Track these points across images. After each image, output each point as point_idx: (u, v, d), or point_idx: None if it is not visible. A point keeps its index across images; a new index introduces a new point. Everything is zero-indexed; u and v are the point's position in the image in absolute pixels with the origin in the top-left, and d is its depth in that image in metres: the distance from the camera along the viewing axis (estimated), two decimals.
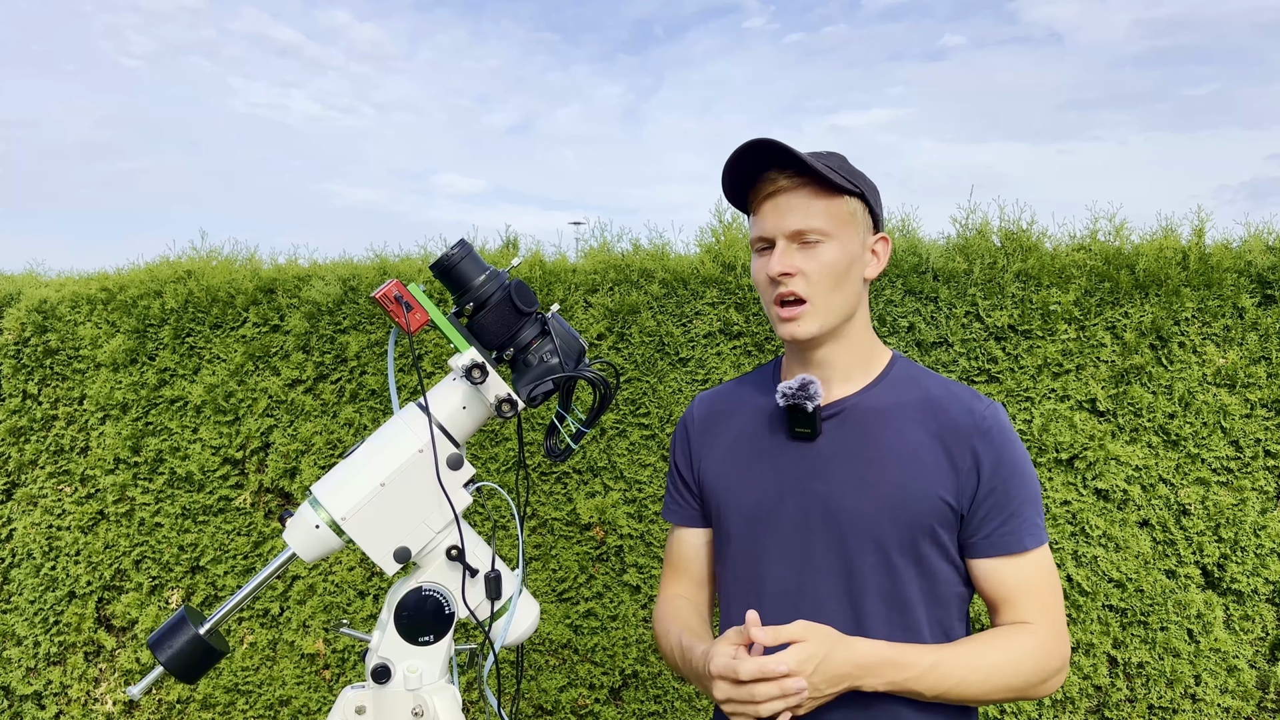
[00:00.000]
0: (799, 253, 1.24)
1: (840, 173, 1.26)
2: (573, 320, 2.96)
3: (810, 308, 1.24)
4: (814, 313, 1.25)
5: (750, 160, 1.26)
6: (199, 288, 3.13)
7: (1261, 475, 2.69)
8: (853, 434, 1.29)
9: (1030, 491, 1.26)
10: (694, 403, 1.49)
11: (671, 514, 1.48)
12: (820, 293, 1.24)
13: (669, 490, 1.48)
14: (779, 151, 1.23)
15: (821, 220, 1.24)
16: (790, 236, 1.24)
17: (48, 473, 3.22)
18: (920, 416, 1.28)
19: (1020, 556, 1.25)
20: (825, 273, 1.24)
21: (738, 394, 1.44)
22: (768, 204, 1.27)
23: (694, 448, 1.43)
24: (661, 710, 2.94)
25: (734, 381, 1.49)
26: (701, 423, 1.44)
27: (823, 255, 1.24)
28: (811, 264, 1.24)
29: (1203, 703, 2.73)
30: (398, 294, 1.27)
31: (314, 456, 3.04)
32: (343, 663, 3.07)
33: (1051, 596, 1.27)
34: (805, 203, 1.24)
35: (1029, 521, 1.25)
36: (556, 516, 2.96)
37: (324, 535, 1.25)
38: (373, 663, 1.28)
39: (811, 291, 1.24)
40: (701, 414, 1.45)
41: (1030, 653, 1.22)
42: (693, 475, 1.43)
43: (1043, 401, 2.75)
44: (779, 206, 1.25)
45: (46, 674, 3.22)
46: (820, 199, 1.24)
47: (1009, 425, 1.28)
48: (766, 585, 1.29)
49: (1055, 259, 2.79)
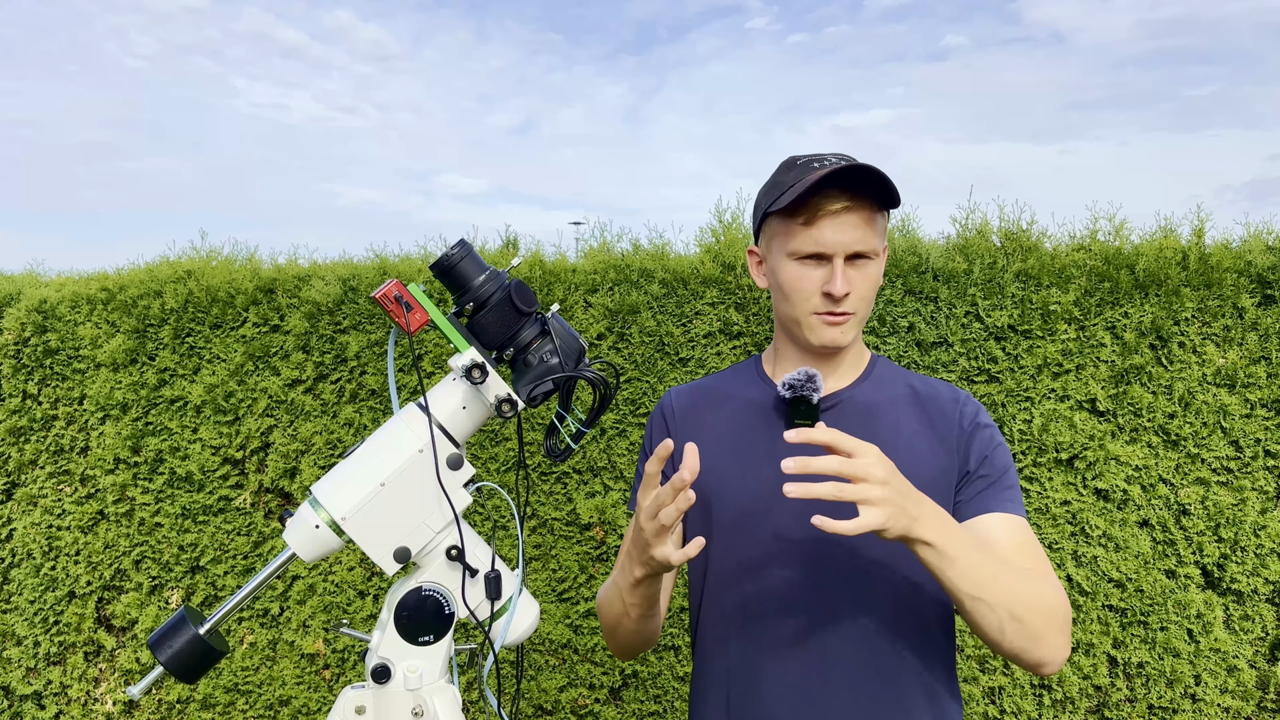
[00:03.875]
0: (851, 269, 1.28)
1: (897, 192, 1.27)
2: (573, 320, 2.96)
3: (854, 319, 1.31)
4: (855, 323, 1.31)
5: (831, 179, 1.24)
6: (199, 288, 3.13)
7: (1261, 475, 2.69)
8: (851, 425, 1.31)
9: (1012, 478, 1.32)
10: (670, 394, 1.48)
11: None
12: (864, 306, 1.31)
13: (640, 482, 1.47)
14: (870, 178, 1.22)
15: (876, 241, 1.29)
16: (849, 255, 1.28)
17: (48, 473, 3.22)
18: (910, 408, 1.34)
19: (1010, 516, 1.27)
20: (871, 288, 1.31)
21: (720, 388, 1.45)
22: (829, 220, 1.26)
23: (676, 439, 1.42)
24: (661, 710, 2.94)
25: (709, 378, 1.50)
26: (682, 414, 1.44)
27: (871, 271, 1.30)
28: (863, 280, 1.29)
29: (1203, 703, 2.73)
30: (398, 294, 1.27)
31: (314, 456, 3.04)
32: (343, 663, 3.07)
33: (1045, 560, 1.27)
34: (865, 223, 1.27)
35: (1014, 491, 1.31)
36: (556, 516, 2.96)
37: (324, 535, 1.25)
38: (373, 663, 1.28)
39: (859, 306, 1.30)
40: (682, 405, 1.45)
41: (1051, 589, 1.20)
42: (673, 467, 1.41)
43: (1043, 401, 2.75)
44: (841, 224, 1.26)
45: (46, 674, 3.22)
46: (876, 219, 1.28)
47: (986, 412, 1.37)
48: (767, 575, 1.30)
49: (1055, 259, 2.79)
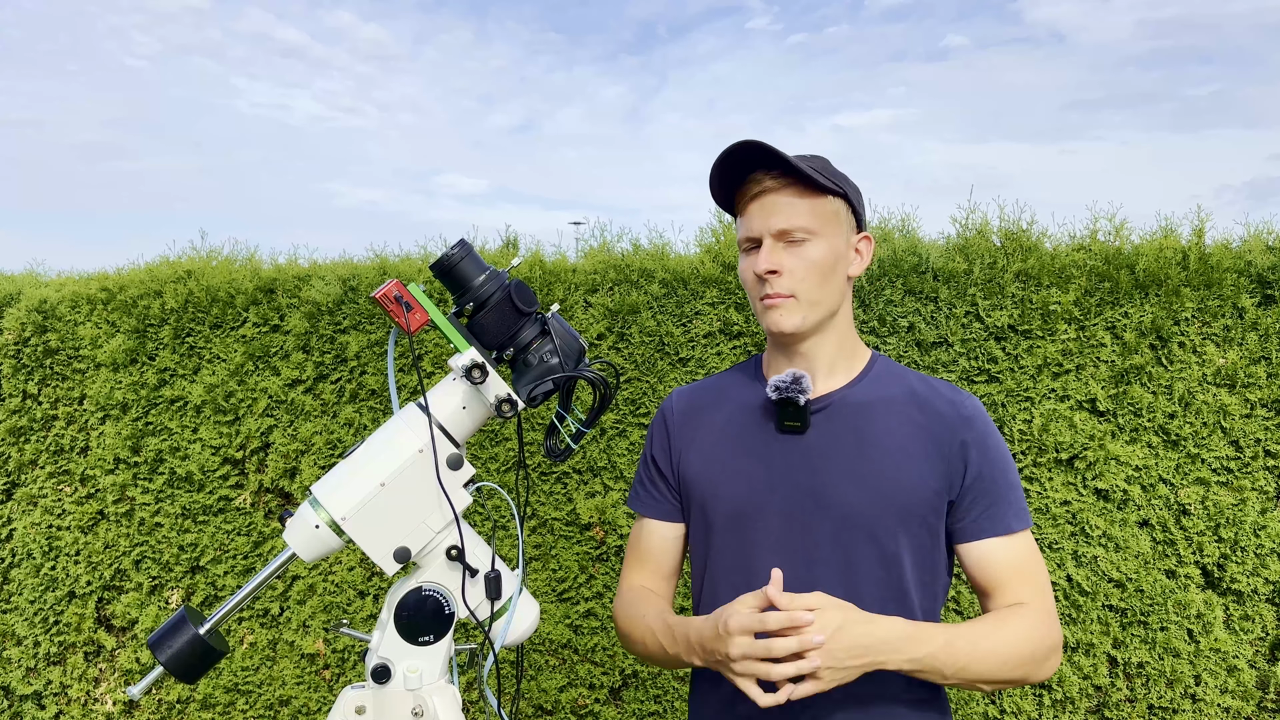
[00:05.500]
0: (785, 251, 1.28)
1: (823, 174, 1.29)
2: (573, 320, 2.96)
3: (795, 302, 1.28)
4: (798, 306, 1.28)
5: (737, 163, 1.30)
6: (199, 288, 3.13)
7: (1261, 475, 2.69)
8: (842, 427, 1.31)
9: (1013, 478, 1.31)
10: (672, 397, 1.49)
11: (643, 506, 1.47)
12: (805, 289, 1.28)
13: (641, 482, 1.48)
14: (765, 153, 1.26)
15: (806, 219, 1.27)
16: (777, 235, 1.28)
17: (48, 473, 3.22)
18: (906, 410, 1.32)
19: (1009, 538, 1.28)
20: (810, 269, 1.28)
21: (719, 388, 1.45)
22: (754, 204, 1.30)
23: (674, 441, 1.43)
24: (661, 710, 2.94)
25: (713, 377, 1.51)
26: (682, 416, 1.45)
27: (808, 253, 1.28)
28: (797, 261, 1.28)
29: (1203, 703, 2.73)
30: (398, 294, 1.27)
31: (314, 456, 3.04)
32: (343, 663, 3.08)
33: (1041, 578, 1.29)
34: (790, 202, 1.27)
35: (1015, 505, 1.29)
36: (556, 516, 2.96)
37: (324, 535, 1.26)
38: (373, 663, 1.28)
39: (796, 288, 1.28)
40: (681, 407, 1.46)
41: (1031, 632, 1.24)
42: (671, 469, 1.43)
43: (1043, 401, 2.75)
44: (765, 206, 1.29)
45: (46, 674, 3.22)
46: (805, 199, 1.28)
47: (987, 415, 1.34)
48: (759, 576, 1.30)
49: (1055, 259, 2.79)
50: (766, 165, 1.28)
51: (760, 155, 1.27)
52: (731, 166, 1.30)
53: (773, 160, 1.27)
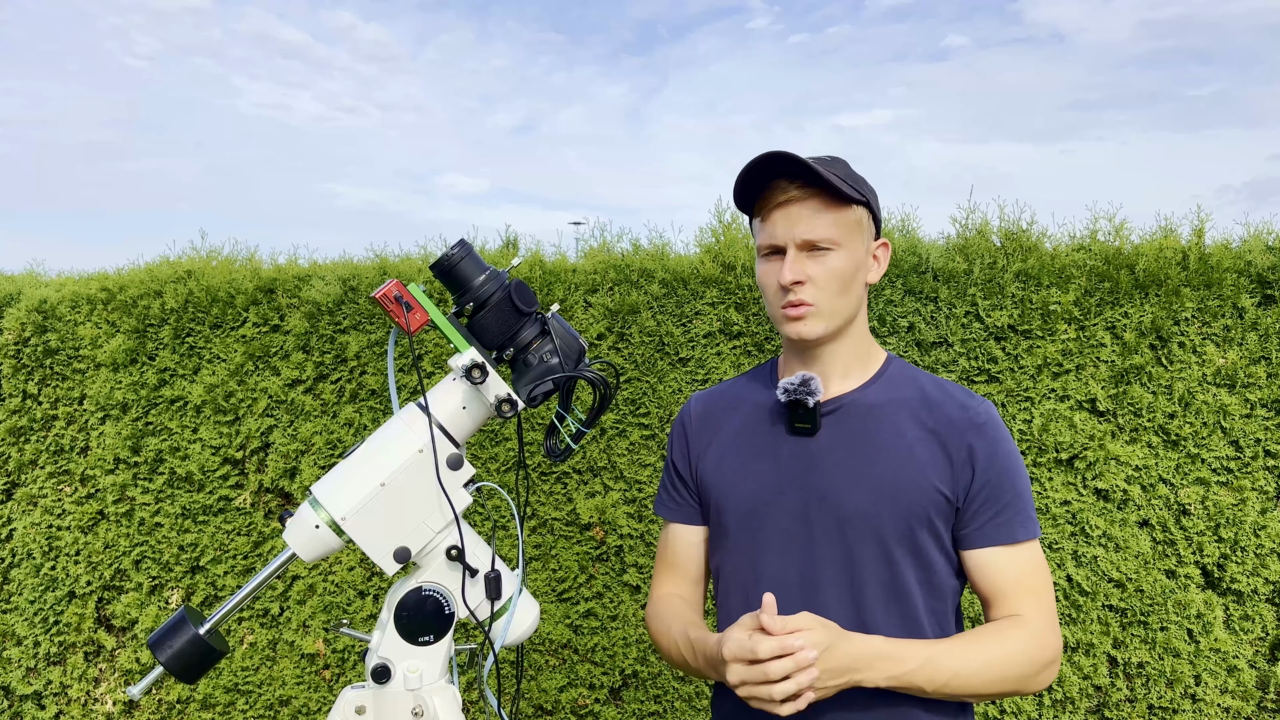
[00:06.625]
0: (809, 260, 1.28)
1: (848, 182, 1.29)
2: (573, 320, 2.96)
3: (816, 310, 1.28)
4: (819, 315, 1.29)
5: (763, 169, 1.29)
6: (199, 288, 3.13)
7: (1261, 475, 2.69)
8: (851, 429, 1.32)
9: (1022, 485, 1.30)
10: (691, 401, 1.51)
11: (667, 510, 1.49)
12: (827, 298, 1.28)
13: (665, 487, 1.50)
14: (793, 163, 1.26)
15: (830, 230, 1.27)
16: (801, 245, 1.28)
17: (48, 473, 3.22)
18: (916, 412, 1.32)
19: (1014, 547, 1.28)
20: (833, 279, 1.28)
21: (735, 392, 1.47)
22: (778, 212, 1.29)
23: (692, 445, 1.45)
24: (661, 710, 2.94)
25: (730, 380, 1.52)
26: (699, 420, 1.47)
27: (831, 263, 1.28)
28: (820, 271, 1.28)
29: (1203, 703, 2.73)
30: (398, 294, 1.27)
31: (314, 456, 3.04)
32: (343, 663, 3.08)
33: (1043, 589, 1.29)
34: (815, 213, 1.27)
35: (1022, 513, 1.29)
36: (556, 516, 2.96)
37: (324, 535, 1.26)
38: (373, 663, 1.28)
39: (819, 297, 1.28)
40: (699, 411, 1.48)
41: (1024, 647, 1.24)
42: (690, 472, 1.45)
43: (1042, 401, 2.75)
44: (790, 216, 1.28)
45: (46, 674, 3.22)
46: (829, 210, 1.28)
47: (1000, 421, 1.32)
48: (765, 577, 1.31)
49: (1055, 259, 2.79)
50: (791, 174, 1.28)
51: (788, 164, 1.27)
52: (758, 172, 1.30)
53: (800, 170, 1.27)
